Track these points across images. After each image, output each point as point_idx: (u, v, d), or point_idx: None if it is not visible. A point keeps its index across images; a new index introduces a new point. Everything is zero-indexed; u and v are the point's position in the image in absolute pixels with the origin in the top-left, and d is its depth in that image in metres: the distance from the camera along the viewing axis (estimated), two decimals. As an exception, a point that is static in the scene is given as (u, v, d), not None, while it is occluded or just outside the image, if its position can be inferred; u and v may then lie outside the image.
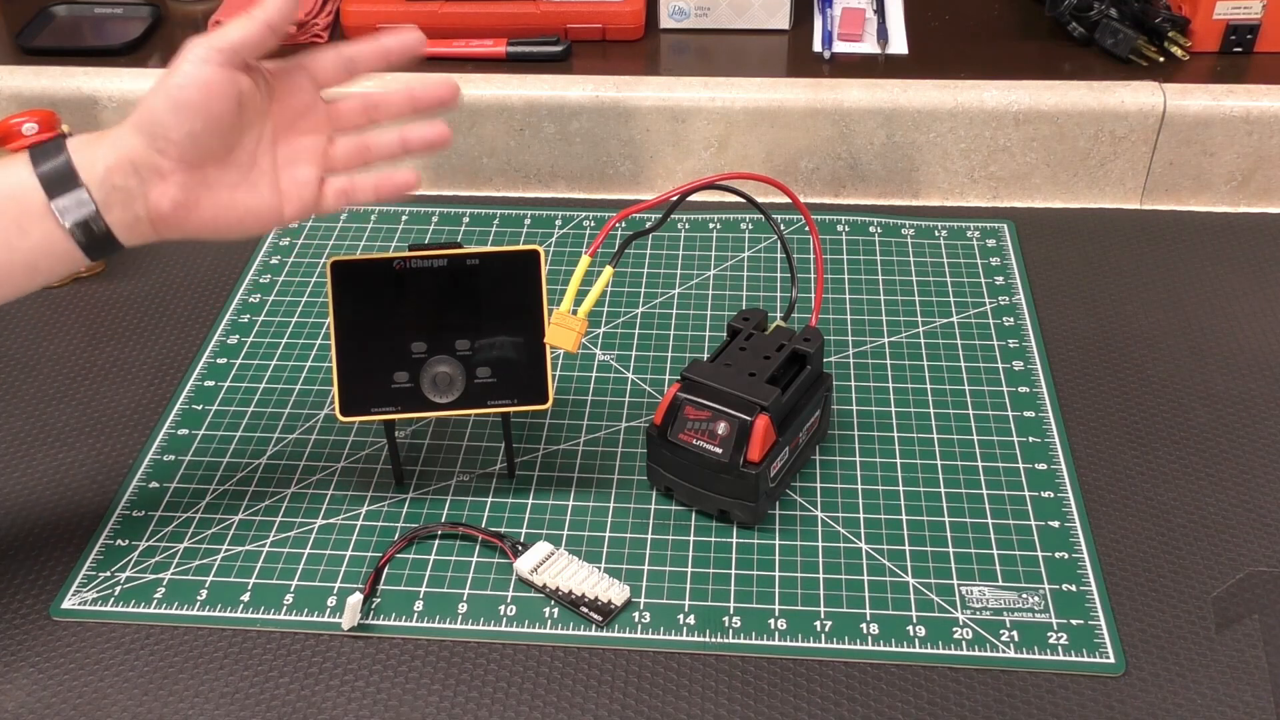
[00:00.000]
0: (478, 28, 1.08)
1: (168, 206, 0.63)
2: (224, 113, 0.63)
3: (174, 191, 0.63)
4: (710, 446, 0.71)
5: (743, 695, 0.65)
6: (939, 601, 0.69)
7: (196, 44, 0.62)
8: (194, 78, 0.62)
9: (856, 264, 0.96)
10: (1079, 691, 0.65)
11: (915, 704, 0.64)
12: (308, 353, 0.89)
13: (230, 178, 0.64)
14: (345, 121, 0.69)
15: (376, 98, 0.69)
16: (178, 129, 0.62)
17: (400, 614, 0.70)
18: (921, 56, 1.06)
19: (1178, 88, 0.98)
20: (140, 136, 0.62)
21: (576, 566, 0.71)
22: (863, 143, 1.01)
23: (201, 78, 0.62)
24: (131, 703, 0.65)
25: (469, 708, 0.65)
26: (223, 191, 0.64)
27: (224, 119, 0.63)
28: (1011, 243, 0.98)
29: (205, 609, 0.70)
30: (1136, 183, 1.01)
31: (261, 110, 0.65)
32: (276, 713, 0.65)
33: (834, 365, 0.86)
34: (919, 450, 0.79)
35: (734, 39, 1.09)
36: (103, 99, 1.04)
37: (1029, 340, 0.88)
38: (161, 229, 0.64)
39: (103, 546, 0.74)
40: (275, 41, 0.64)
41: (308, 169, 0.67)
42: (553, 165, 1.05)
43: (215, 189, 0.64)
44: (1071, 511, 0.75)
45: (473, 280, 0.72)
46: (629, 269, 0.96)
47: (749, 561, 0.72)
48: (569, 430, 0.82)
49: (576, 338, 0.69)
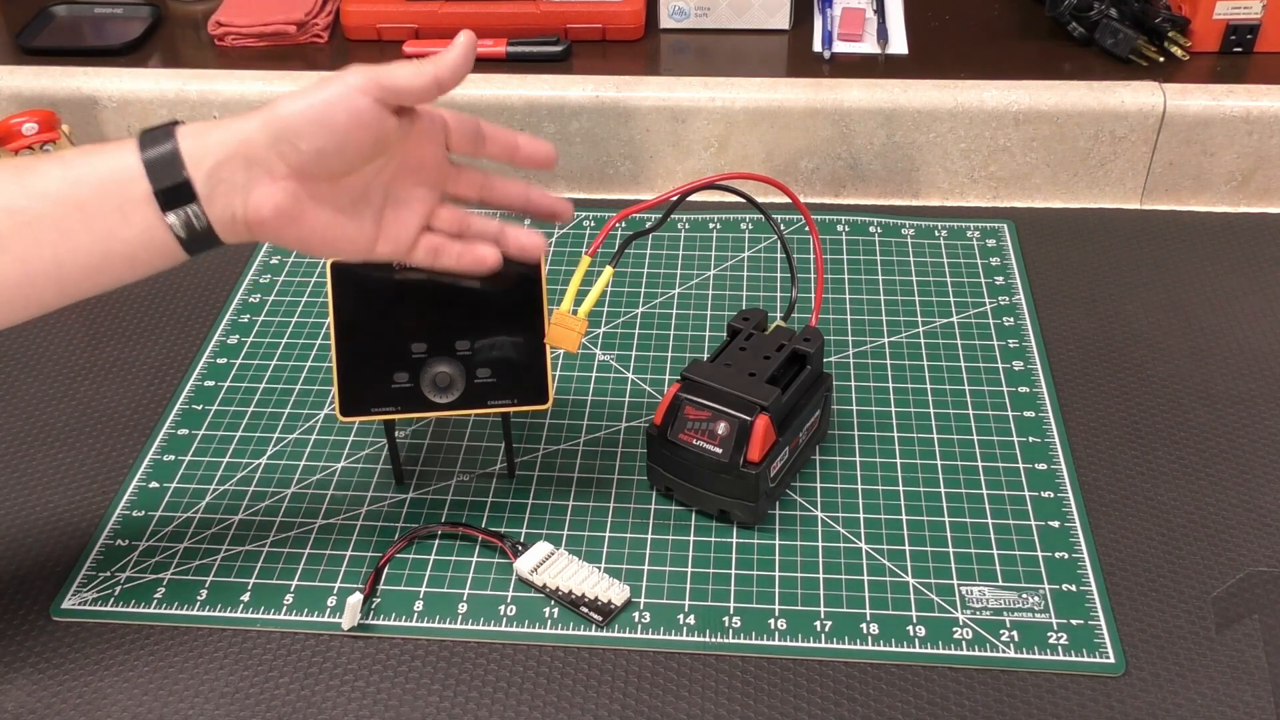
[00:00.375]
0: (478, 28, 1.06)
1: (269, 211, 0.61)
2: (361, 143, 0.61)
3: (279, 197, 0.61)
4: (710, 446, 0.71)
5: (743, 695, 0.65)
6: (939, 601, 0.69)
7: (360, 71, 0.61)
8: (346, 102, 0.60)
9: (856, 264, 0.96)
10: (1079, 691, 0.65)
11: (915, 704, 0.64)
12: (308, 353, 0.89)
13: (338, 199, 0.63)
14: (461, 190, 0.68)
15: (496, 183, 0.69)
16: (310, 142, 0.60)
17: (400, 614, 0.70)
18: (921, 56, 1.06)
19: (1178, 88, 0.98)
20: (266, 134, 0.60)
21: (576, 566, 0.71)
22: (863, 143, 1.01)
23: (354, 105, 0.61)
24: (131, 703, 0.65)
25: (469, 708, 0.65)
26: (326, 211, 0.63)
27: (359, 149, 0.62)
28: (1011, 243, 0.98)
29: (205, 609, 0.70)
30: (1136, 183, 1.02)
31: (393, 147, 0.64)
32: (276, 713, 0.65)
33: (834, 365, 0.86)
34: (919, 450, 0.79)
35: (734, 39, 1.09)
36: (103, 99, 1.04)
37: (1029, 340, 0.88)
38: (257, 231, 0.62)
39: (103, 546, 0.74)
40: (437, 96, 0.63)
41: (413, 217, 0.66)
42: (553, 165, 1.05)
43: (320, 206, 0.63)
44: (1071, 511, 0.75)
45: (473, 280, 0.72)
46: (629, 269, 0.96)
47: (749, 561, 0.72)
48: (569, 430, 0.82)
49: (576, 338, 0.69)
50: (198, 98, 1.03)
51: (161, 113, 1.04)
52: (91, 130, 1.05)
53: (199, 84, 1.03)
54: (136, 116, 1.04)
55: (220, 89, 1.03)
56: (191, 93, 1.03)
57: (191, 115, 1.04)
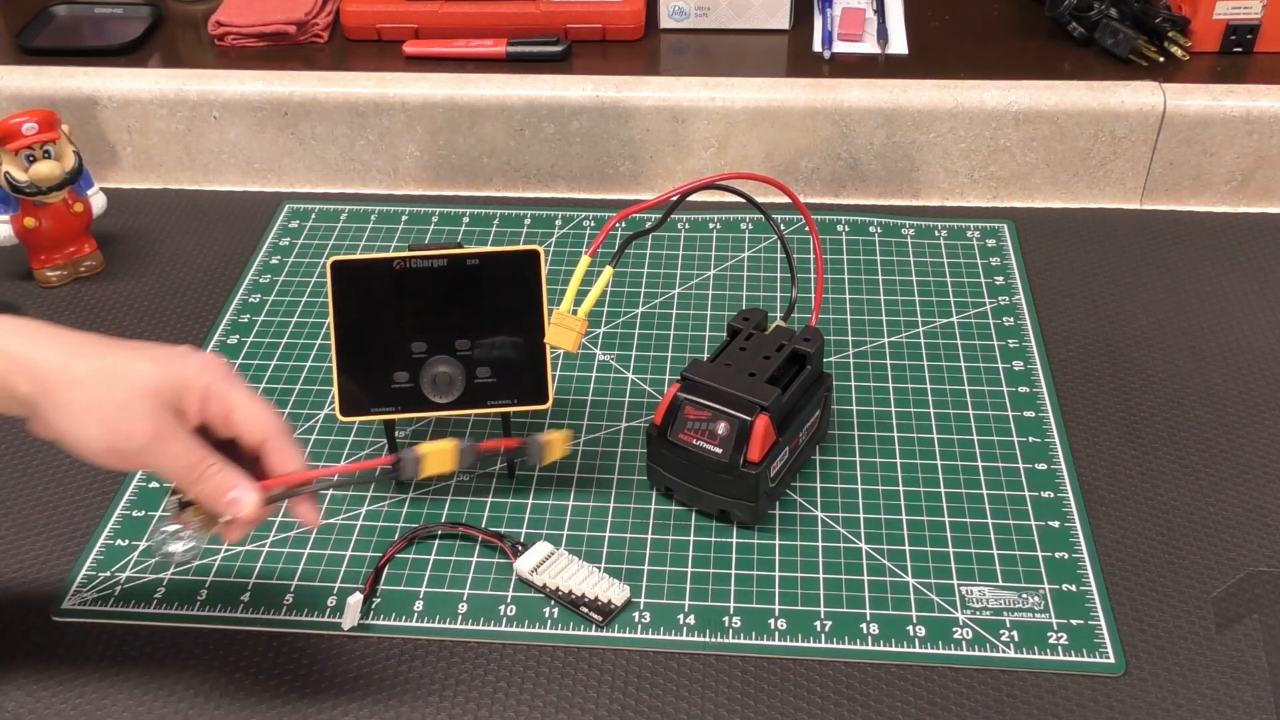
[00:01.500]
0: (478, 28, 1.08)
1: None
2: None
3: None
4: (710, 446, 0.71)
5: (743, 695, 0.65)
6: (939, 601, 0.69)
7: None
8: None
9: (856, 264, 0.96)
10: (1079, 691, 0.65)
11: (915, 704, 0.64)
12: (308, 353, 0.89)
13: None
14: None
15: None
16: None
17: (400, 614, 0.70)
18: (921, 56, 1.06)
19: (1178, 88, 0.98)
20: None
21: (576, 566, 0.71)
22: (863, 143, 1.01)
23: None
24: (132, 702, 0.65)
25: (469, 708, 0.65)
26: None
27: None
28: (1011, 243, 0.98)
29: (205, 609, 0.70)
30: (1136, 183, 1.02)
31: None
32: (276, 713, 0.65)
33: (834, 365, 0.86)
34: (919, 450, 0.79)
35: (734, 39, 1.09)
36: (103, 99, 1.04)
37: (1029, 340, 0.88)
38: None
39: (103, 546, 0.74)
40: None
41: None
42: (553, 165, 1.05)
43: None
44: (1071, 511, 0.75)
45: (473, 280, 0.72)
46: (629, 269, 0.96)
47: (749, 561, 0.72)
48: (569, 430, 0.82)
49: (576, 338, 0.69)
50: (198, 98, 1.03)
51: (161, 113, 1.04)
52: (91, 130, 1.05)
53: (199, 84, 1.03)
54: (136, 116, 1.04)
55: (220, 89, 1.03)
56: (191, 93, 1.03)
57: (191, 115, 1.04)
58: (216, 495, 0.60)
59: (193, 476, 0.59)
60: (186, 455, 0.59)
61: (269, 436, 0.61)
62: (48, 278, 0.96)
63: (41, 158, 0.90)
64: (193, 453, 0.59)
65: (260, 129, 1.04)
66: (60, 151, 0.92)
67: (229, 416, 0.61)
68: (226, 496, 0.60)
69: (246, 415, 0.61)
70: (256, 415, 0.61)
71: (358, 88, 1.02)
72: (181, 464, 0.59)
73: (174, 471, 0.59)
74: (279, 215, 1.04)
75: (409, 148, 1.05)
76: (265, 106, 1.03)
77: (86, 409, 0.58)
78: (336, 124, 1.04)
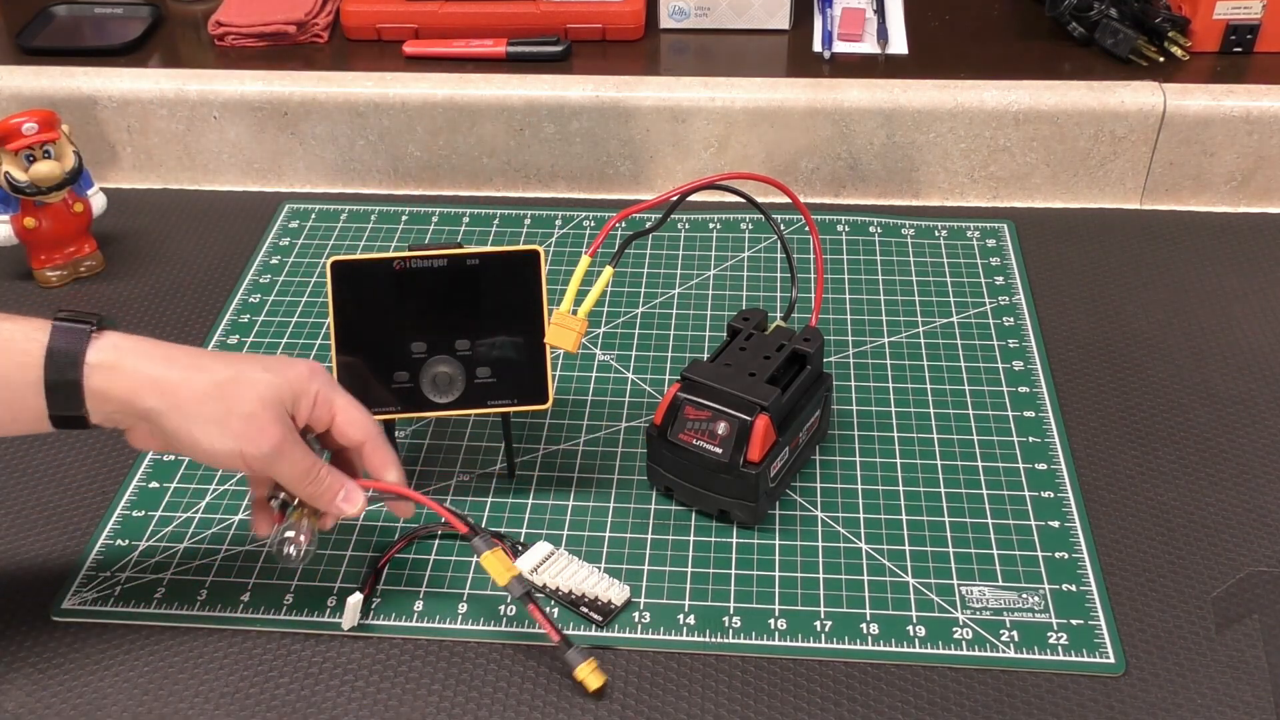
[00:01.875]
0: (478, 28, 1.08)
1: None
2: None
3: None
4: (710, 446, 0.71)
5: (743, 695, 0.65)
6: (939, 601, 0.69)
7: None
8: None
9: (856, 264, 0.96)
10: (1079, 691, 0.65)
11: (915, 704, 0.64)
12: (308, 353, 0.89)
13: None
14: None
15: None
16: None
17: (400, 614, 0.70)
18: (921, 56, 1.06)
19: (1178, 88, 0.98)
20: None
21: (576, 566, 0.71)
22: (863, 143, 1.01)
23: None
24: (131, 702, 0.65)
25: (469, 708, 0.65)
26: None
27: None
28: (1011, 243, 0.98)
29: (205, 609, 0.70)
30: (1136, 183, 1.02)
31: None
32: (276, 713, 0.65)
33: (834, 365, 0.86)
34: (919, 450, 0.79)
35: (734, 39, 1.09)
36: (103, 99, 1.04)
37: (1029, 340, 0.88)
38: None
39: (103, 546, 0.74)
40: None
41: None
42: (553, 165, 1.05)
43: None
44: (1071, 511, 0.75)
45: (473, 280, 0.72)
46: (629, 269, 0.96)
47: (749, 561, 0.72)
48: (569, 430, 0.82)
49: (576, 338, 0.69)
50: (198, 98, 1.03)
51: (161, 113, 1.04)
52: (91, 130, 1.05)
53: (199, 84, 1.03)
54: (136, 116, 1.04)
55: (220, 89, 1.03)
56: (191, 93, 1.03)
57: (191, 115, 1.04)
58: (329, 495, 0.65)
59: (310, 478, 0.64)
60: (304, 459, 0.64)
61: (368, 439, 0.67)
62: (48, 278, 0.96)
63: (41, 158, 0.90)
64: (308, 456, 0.65)
65: (260, 129, 1.04)
66: (60, 151, 0.92)
67: (333, 420, 0.66)
68: (339, 497, 0.65)
69: (348, 419, 0.66)
70: (357, 419, 0.67)
71: (358, 88, 1.02)
72: (300, 468, 0.64)
73: (293, 475, 0.64)
74: (279, 215, 1.04)
75: (409, 148, 1.05)
76: (265, 106, 1.03)
77: (215, 420, 0.62)
78: (336, 124, 1.04)
